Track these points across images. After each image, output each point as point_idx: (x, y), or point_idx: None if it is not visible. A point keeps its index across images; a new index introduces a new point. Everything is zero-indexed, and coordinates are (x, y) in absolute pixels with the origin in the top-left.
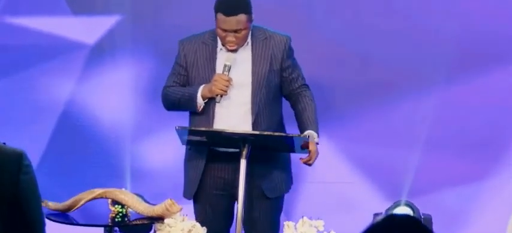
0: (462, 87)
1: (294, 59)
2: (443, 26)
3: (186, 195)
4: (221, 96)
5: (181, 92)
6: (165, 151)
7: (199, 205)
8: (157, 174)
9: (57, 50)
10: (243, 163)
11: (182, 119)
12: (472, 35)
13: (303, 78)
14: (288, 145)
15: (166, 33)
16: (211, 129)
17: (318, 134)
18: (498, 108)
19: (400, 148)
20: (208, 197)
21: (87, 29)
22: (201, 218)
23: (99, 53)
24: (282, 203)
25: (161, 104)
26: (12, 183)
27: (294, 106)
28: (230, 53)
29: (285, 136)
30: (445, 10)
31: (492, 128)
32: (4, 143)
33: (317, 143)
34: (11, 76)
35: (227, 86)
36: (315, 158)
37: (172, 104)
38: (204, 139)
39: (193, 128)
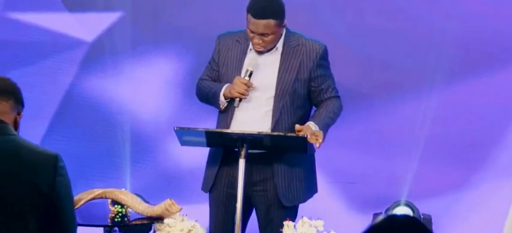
0: (463, 88)
1: (327, 69)
2: (444, 27)
3: (203, 188)
4: (240, 100)
5: (208, 88)
6: (165, 151)
7: (214, 202)
8: (157, 174)
9: (55, 47)
10: (241, 163)
11: (181, 119)
12: (473, 36)
13: (333, 89)
14: (289, 145)
15: (167, 31)
16: (208, 129)
17: (322, 130)
18: (499, 109)
19: (400, 149)
20: (222, 195)
21: (86, 27)
22: (214, 215)
23: (99, 51)
24: (297, 211)
25: (162, 104)
26: (48, 184)
27: None
28: (254, 58)
29: (283, 136)
30: (446, 11)
31: (492, 129)
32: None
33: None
34: (9, 72)
35: (246, 90)
36: (310, 133)
37: (202, 97)
38: (203, 139)
39: (191, 128)
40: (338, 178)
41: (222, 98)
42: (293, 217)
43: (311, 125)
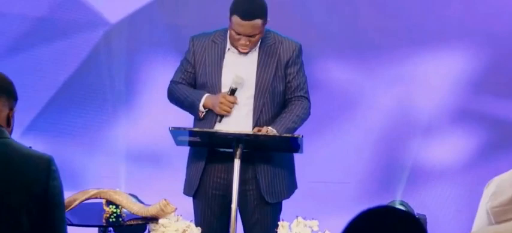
0: (460, 89)
1: (301, 67)
2: (443, 25)
3: (185, 192)
4: (222, 116)
5: (185, 95)
6: (162, 151)
7: (198, 203)
8: (152, 174)
9: (73, 25)
10: (236, 163)
11: (180, 116)
12: (474, 35)
13: (302, 89)
14: (283, 145)
15: (178, 29)
16: (204, 129)
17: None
18: (497, 108)
19: (396, 148)
20: (207, 197)
21: (111, 7)
22: (199, 217)
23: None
24: (281, 208)
25: (159, 102)
26: (42, 188)
27: None
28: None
29: (279, 137)
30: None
31: (490, 128)
32: (30, 147)
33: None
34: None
35: (231, 108)
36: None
37: (175, 102)
38: (197, 139)
39: (187, 128)
40: (333, 177)
41: (201, 108)
42: (278, 213)
43: (269, 130)
